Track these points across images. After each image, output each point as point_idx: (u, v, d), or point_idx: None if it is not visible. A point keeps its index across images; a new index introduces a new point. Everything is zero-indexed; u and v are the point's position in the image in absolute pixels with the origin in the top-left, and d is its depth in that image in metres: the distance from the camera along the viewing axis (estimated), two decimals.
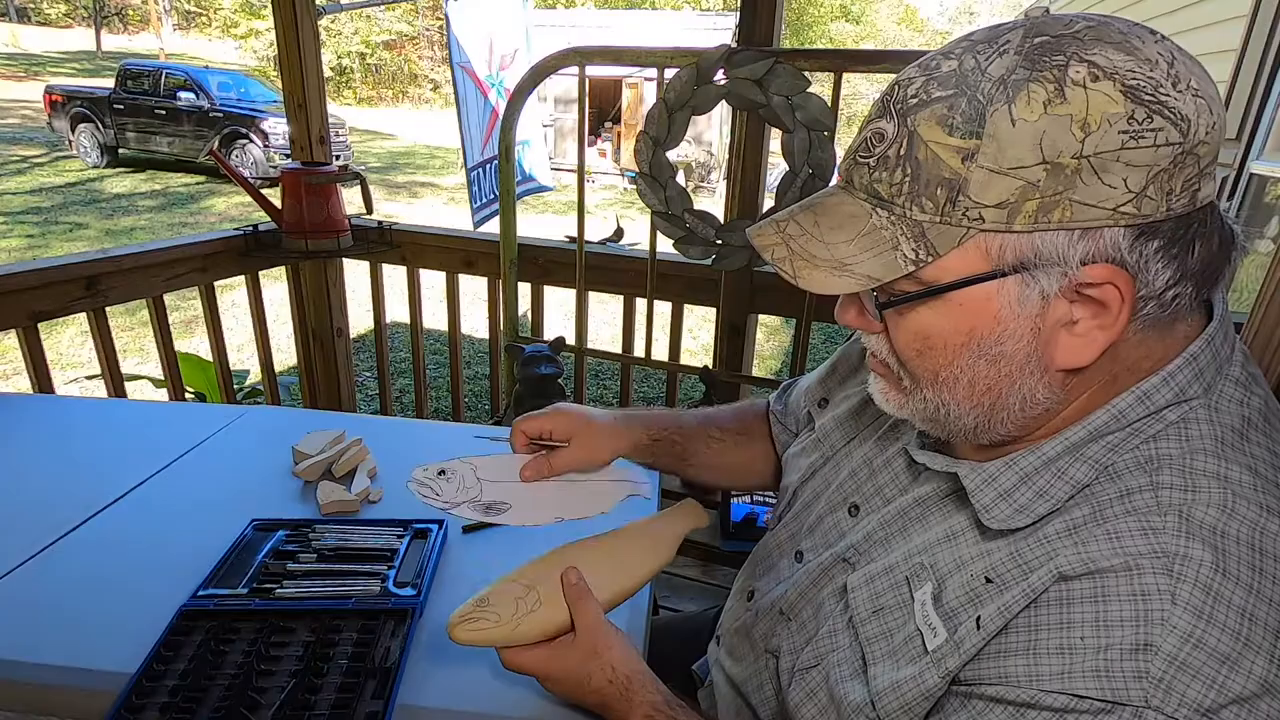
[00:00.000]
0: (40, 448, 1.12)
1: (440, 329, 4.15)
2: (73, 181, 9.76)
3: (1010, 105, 0.44)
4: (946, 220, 0.47)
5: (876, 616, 0.58)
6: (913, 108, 0.48)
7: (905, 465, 0.65)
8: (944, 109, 0.46)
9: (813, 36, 28.75)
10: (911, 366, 0.54)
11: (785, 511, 0.78)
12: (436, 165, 13.75)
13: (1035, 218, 0.45)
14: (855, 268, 0.50)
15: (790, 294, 1.86)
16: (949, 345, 0.51)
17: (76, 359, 4.33)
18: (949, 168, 0.46)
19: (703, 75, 1.57)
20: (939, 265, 0.48)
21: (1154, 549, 0.45)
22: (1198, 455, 0.48)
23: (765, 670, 0.69)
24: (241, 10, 24.94)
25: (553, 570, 0.67)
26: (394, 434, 1.24)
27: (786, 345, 5.37)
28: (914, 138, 0.47)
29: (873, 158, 0.50)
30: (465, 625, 0.63)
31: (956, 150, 0.45)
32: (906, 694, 0.52)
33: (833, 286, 0.50)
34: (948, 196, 0.46)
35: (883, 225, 0.49)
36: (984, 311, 0.49)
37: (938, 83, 0.47)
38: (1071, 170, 0.43)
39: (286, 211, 2.08)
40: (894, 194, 0.49)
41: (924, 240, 0.48)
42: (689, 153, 12.30)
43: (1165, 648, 0.42)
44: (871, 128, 0.50)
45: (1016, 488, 0.52)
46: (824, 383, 0.82)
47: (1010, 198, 0.45)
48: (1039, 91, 0.43)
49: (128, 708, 0.66)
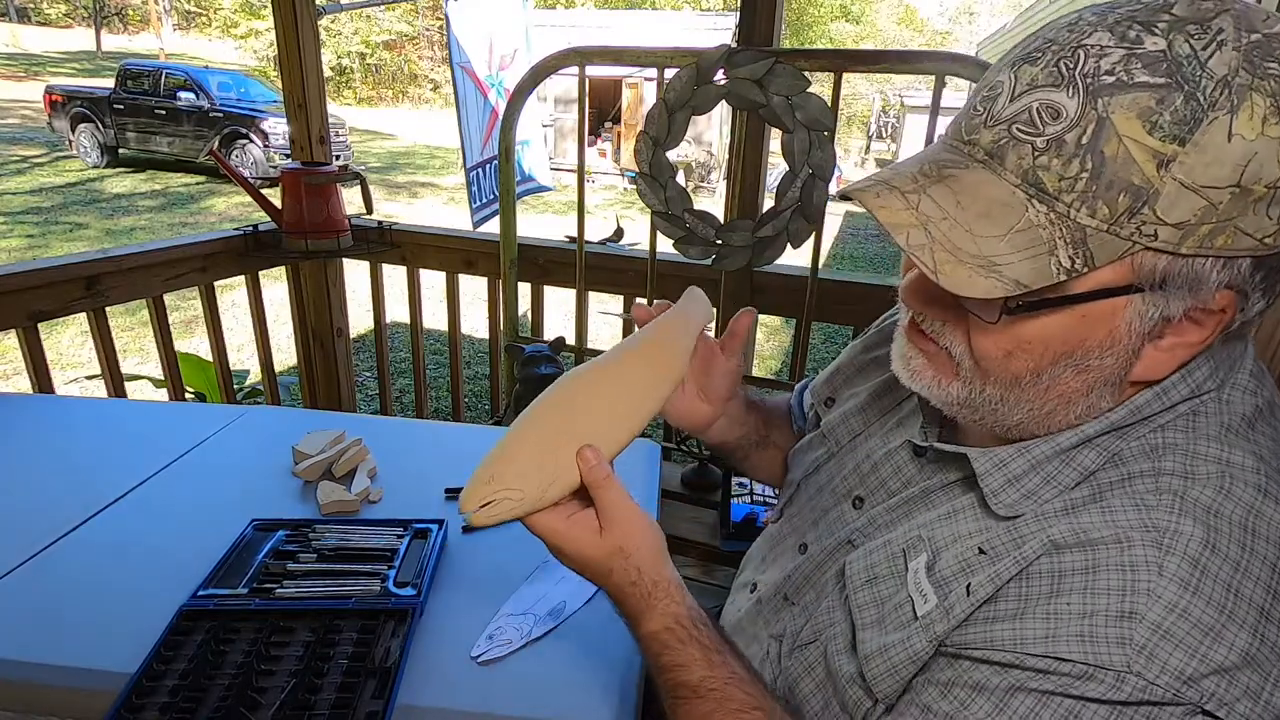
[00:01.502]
0: (40, 448, 1.12)
1: (440, 329, 4.15)
2: (73, 181, 9.76)
3: (1234, 116, 0.38)
4: (1115, 231, 0.41)
5: (869, 585, 0.58)
6: (1108, 87, 0.40)
7: (909, 457, 0.65)
8: (1151, 100, 0.39)
9: (813, 36, 28.75)
10: (988, 365, 0.49)
11: (788, 506, 0.78)
12: (436, 165, 13.75)
13: (1203, 242, 0.40)
14: (1005, 270, 0.42)
15: (790, 294, 1.86)
16: (1048, 352, 0.46)
17: (76, 359, 4.32)
18: (1141, 173, 0.39)
19: (703, 75, 1.57)
20: (1087, 277, 0.43)
21: (1144, 523, 0.45)
22: (1201, 441, 0.48)
23: (768, 658, 0.69)
24: (241, 10, 24.94)
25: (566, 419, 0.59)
26: (394, 434, 1.24)
27: (786, 345, 5.37)
28: (1105, 125, 0.40)
29: (1041, 137, 0.41)
30: (486, 511, 0.55)
31: (1153, 154, 0.39)
32: (894, 657, 0.52)
33: (977, 288, 0.42)
34: (1129, 206, 0.40)
35: (1040, 223, 0.42)
36: (1105, 324, 0.45)
37: (1143, 63, 0.39)
38: (1257, 198, 0.39)
39: (286, 211, 2.08)
40: (1062, 189, 0.41)
41: (1084, 248, 0.42)
42: (689, 153, 12.30)
43: (1150, 616, 0.42)
44: (1041, 97, 0.42)
45: (1026, 474, 0.52)
46: (829, 382, 0.82)
47: (1191, 219, 0.40)
48: (1260, 105, 0.38)
49: (128, 708, 0.66)
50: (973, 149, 0.45)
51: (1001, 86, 0.44)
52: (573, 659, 0.76)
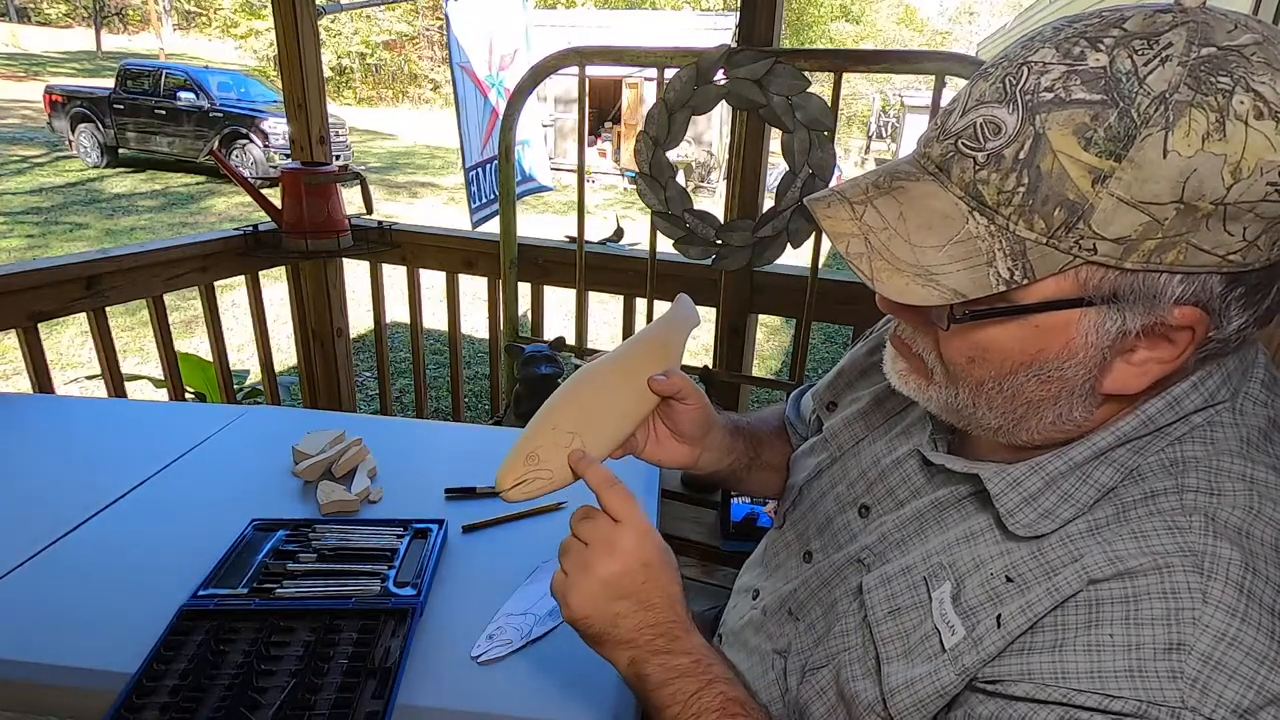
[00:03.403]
0: (40, 448, 1.12)
1: (440, 329, 4.16)
2: (73, 181, 9.76)
3: (1169, 132, 0.38)
4: (1054, 244, 0.42)
5: (893, 617, 0.57)
6: (1046, 104, 0.41)
7: (918, 466, 0.64)
8: (1086, 117, 0.40)
9: (813, 36, 28.77)
10: (955, 370, 0.51)
11: (791, 510, 0.78)
12: (436, 165, 13.76)
13: (1150, 257, 0.41)
14: (942, 279, 0.44)
15: (791, 294, 1.86)
16: (1007, 361, 0.48)
17: (76, 359, 4.33)
18: (1075, 188, 0.40)
19: (703, 75, 1.57)
20: (1031, 288, 0.44)
21: (1181, 547, 0.44)
22: (1223, 457, 0.47)
23: (772, 670, 0.69)
24: (241, 10, 24.95)
25: (584, 407, 0.67)
26: (394, 434, 1.24)
27: (786, 345, 5.37)
28: (1041, 141, 0.41)
29: (983, 151, 0.43)
30: (520, 488, 0.63)
31: (1088, 170, 0.40)
32: (920, 691, 0.52)
33: (913, 296, 0.44)
34: (1064, 220, 0.41)
35: (979, 235, 0.44)
36: (1058, 336, 0.45)
37: (1081, 80, 0.40)
38: (1204, 215, 0.39)
39: (286, 211, 2.08)
40: (1000, 202, 0.43)
41: (1023, 260, 0.43)
42: (689, 153, 12.30)
43: (1199, 647, 0.41)
44: (985, 113, 0.43)
45: (1042, 492, 0.51)
46: (832, 387, 0.82)
47: (1132, 234, 0.40)
48: (1200, 121, 0.38)
49: (128, 708, 0.66)
50: (926, 161, 0.47)
51: (958, 100, 0.46)
52: (573, 659, 0.76)
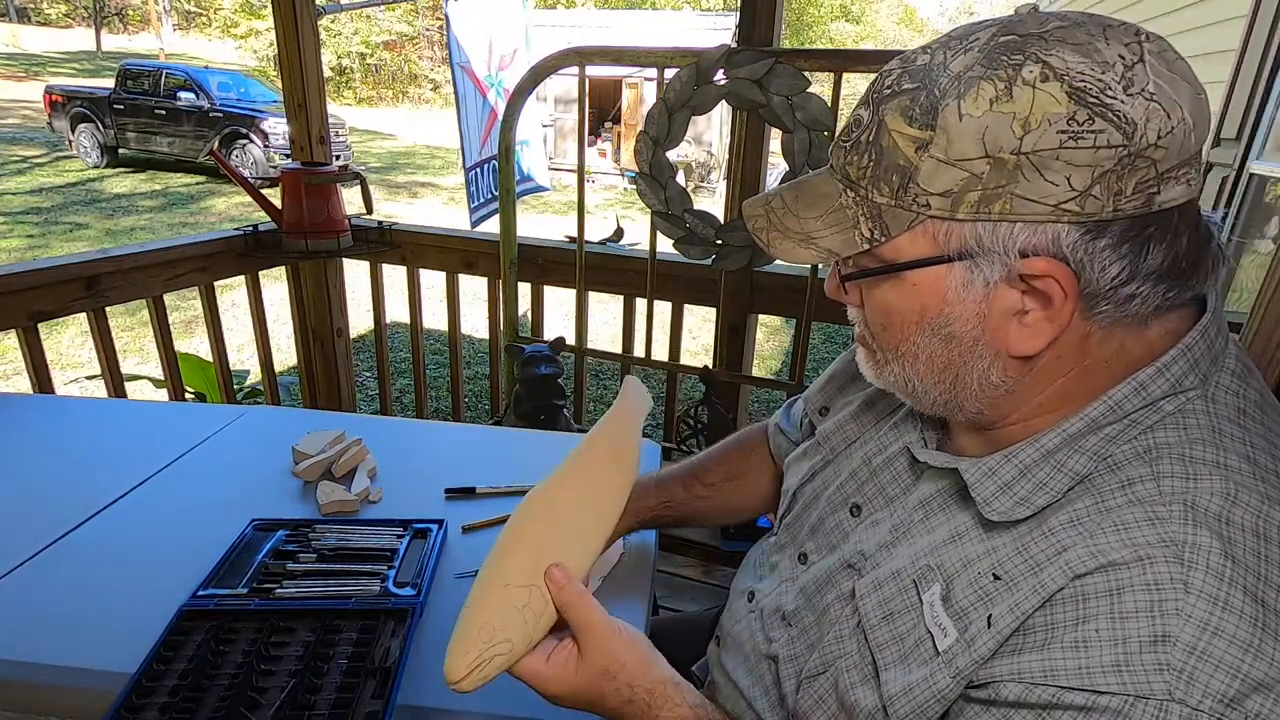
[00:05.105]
0: (40, 448, 1.12)
1: (440, 329, 4.16)
2: (73, 181, 9.76)
3: (960, 100, 0.46)
4: (900, 204, 0.51)
5: (886, 622, 0.58)
6: (885, 97, 0.51)
7: (907, 465, 0.65)
8: (908, 100, 0.49)
9: (813, 36, 28.75)
10: (879, 339, 0.58)
11: (786, 514, 0.78)
12: (436, 165, 13.75)
13: (977, 208, 0.48)
14: (819, 241, 0.55)
15: (790, 294, 1.86)
16: (906, 321, 0.55)
17: (76, 359, 4.33)
18: (904, 155, 0.49)
19: (703, 75, 1.57)
20: (892, 245, 0.52)
21: (1162, 538, 0.45)
22: (1195, 444, 0.48)
23: (768, 674, 0.69)
24: (241, 10, 24.93)
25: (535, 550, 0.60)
26: (394, 434, 1.25)
27: (786, 345, 5.37)
28: (881, 125, 0.51)
29: (849, 141, 0.53)
30: (477, 673, 0.55)
31: (913, 140, 0.49)
32: (918, 696, 0.52)
33: (797, 257, 0.57)
34: (900, 182, 0.50)
35: (848, 205, 0.54)
36: (934, 293, 0.52)
37: (909, 75, 0.50)
38: (1012, 166, 0.46)
39: (286, 211, 2.08)
40: (860, 176, 0.53)
41: (880, 221, 0.52)
42: (689, 153, 12.30)
43: (1183, 638, 0.42)
44: (854, 113, 0.54)
45: (1016, 480, 0.53)
46: (824, 391, 0.82)
47: (954, 188, 0.48)
48: (988, 89, 0.46)
49: (128, 708, 0.66)
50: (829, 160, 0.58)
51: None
52: None
